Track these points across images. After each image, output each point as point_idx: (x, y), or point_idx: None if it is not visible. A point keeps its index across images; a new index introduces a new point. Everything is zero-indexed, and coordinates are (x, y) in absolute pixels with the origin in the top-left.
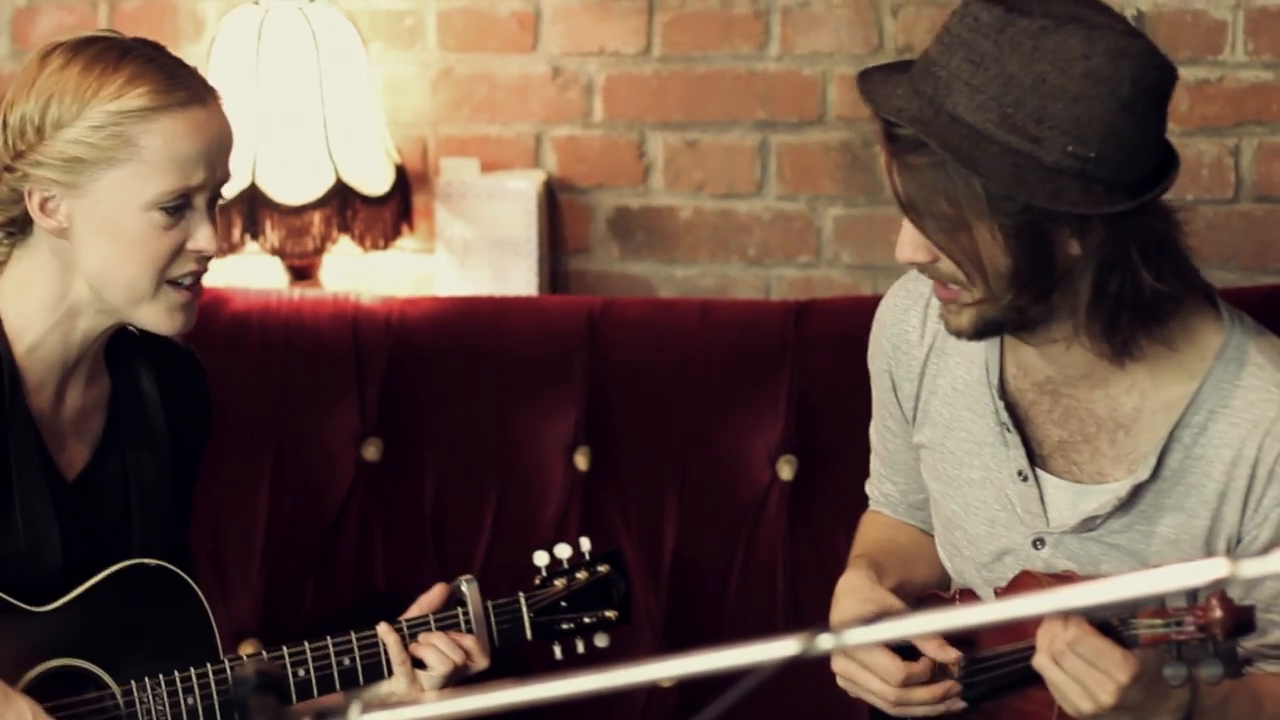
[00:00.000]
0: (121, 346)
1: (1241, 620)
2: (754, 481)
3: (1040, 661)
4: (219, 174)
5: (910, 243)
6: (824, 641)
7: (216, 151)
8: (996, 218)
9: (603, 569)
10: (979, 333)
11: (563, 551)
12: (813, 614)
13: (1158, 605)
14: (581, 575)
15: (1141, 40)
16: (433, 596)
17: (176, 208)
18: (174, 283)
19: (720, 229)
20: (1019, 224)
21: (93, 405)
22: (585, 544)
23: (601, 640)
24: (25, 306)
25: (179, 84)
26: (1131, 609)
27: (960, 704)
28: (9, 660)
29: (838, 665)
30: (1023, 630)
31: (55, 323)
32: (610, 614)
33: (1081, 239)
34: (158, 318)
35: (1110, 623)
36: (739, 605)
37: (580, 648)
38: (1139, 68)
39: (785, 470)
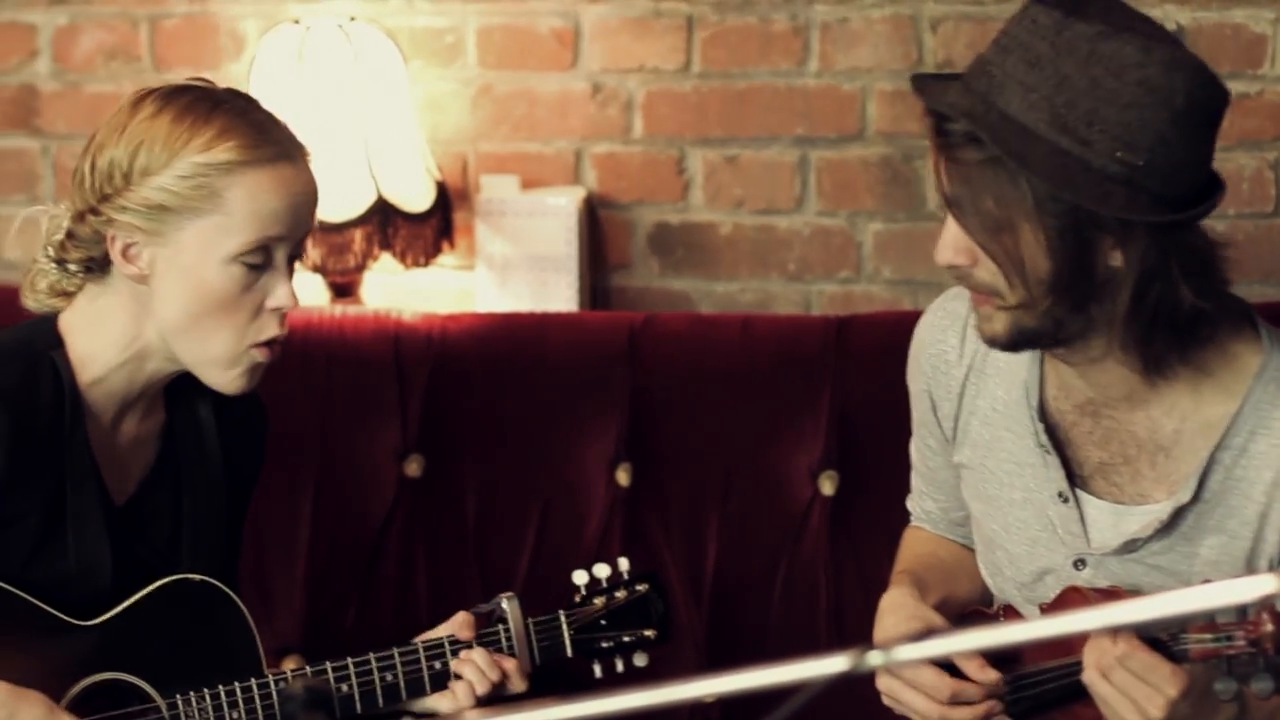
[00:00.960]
0: (182, 379)
1: None
2: (796, 497)
3: (1089, 676)
4: (301, 230)
5: (951, 244)
6: (874, 658)
7: (300, 207)
8: (1042, 218)
9: (641, 588)
10: (1013, 341)
11: (601, 571)
12: (856, 630)
13: (1207, 620)
14: (620, 594)
15: (1197, 58)
16: (460, 624)
17: (257, 264)
18: (258, 344)
19: (760, 245)
20: (1063, 226)
21: (147, 435)
22: (624, 564)
23: (640, 659)
24: (95, 342)
25: (268, 139)
26: (1182, 624)
27: None
28: (56, 674)
29: (882, 683)
30: (1068, 646)
31: (123, 361)
32: (649, 633)
33: (1124, 247)
34: (228, 379)
35: (1160, 638)
36: (781, 621)
37: (619, 666)
38: (1193, 82)
39: (827, 486)
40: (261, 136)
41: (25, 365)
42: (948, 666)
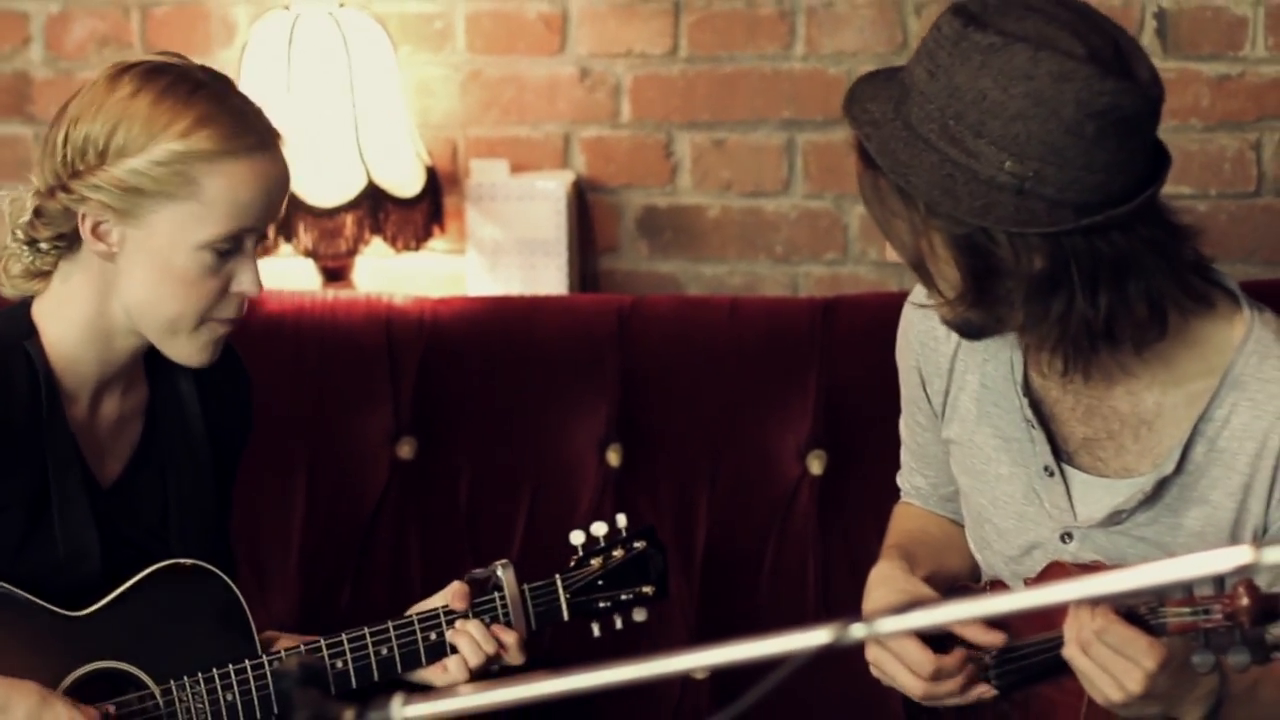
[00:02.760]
0: (160, 355)
1: (1268, 608)
2: (784, 476)
3: (1069, 651)
4: (272, 217)
5: (889, 244)
6: (856, 630)
7: (274, 197)
8: (937, 229)
9: (639, 545)
10: (961, 331)
11: (599, 529)
12: (844, 606)
13: (1185, 593)
14: (618, 553)
15: (1100, 66)
16: (455, 594)
17: (227, 251)
18: (216, 319)
19: (748, 227)
20: (957, 236)
21: (130, 413)
22: (621, 520)
23: (640, 615)
24: (62, 322)
25: (247, 129)
26: (1159, 598)
27: (992, 693)
28: (50, 665)
29: (870, 654)
30: (1055, 620)
31: (91, 339)
32: (647, 589)
33: (1019, 256)
34: (189, 351)
35: (1138, 611)
36: (771, 598)
37: (618, 624)
38: (1085, 92)
39: (815, 465)
40: (241, 126)
41: None
42: (940, 641)
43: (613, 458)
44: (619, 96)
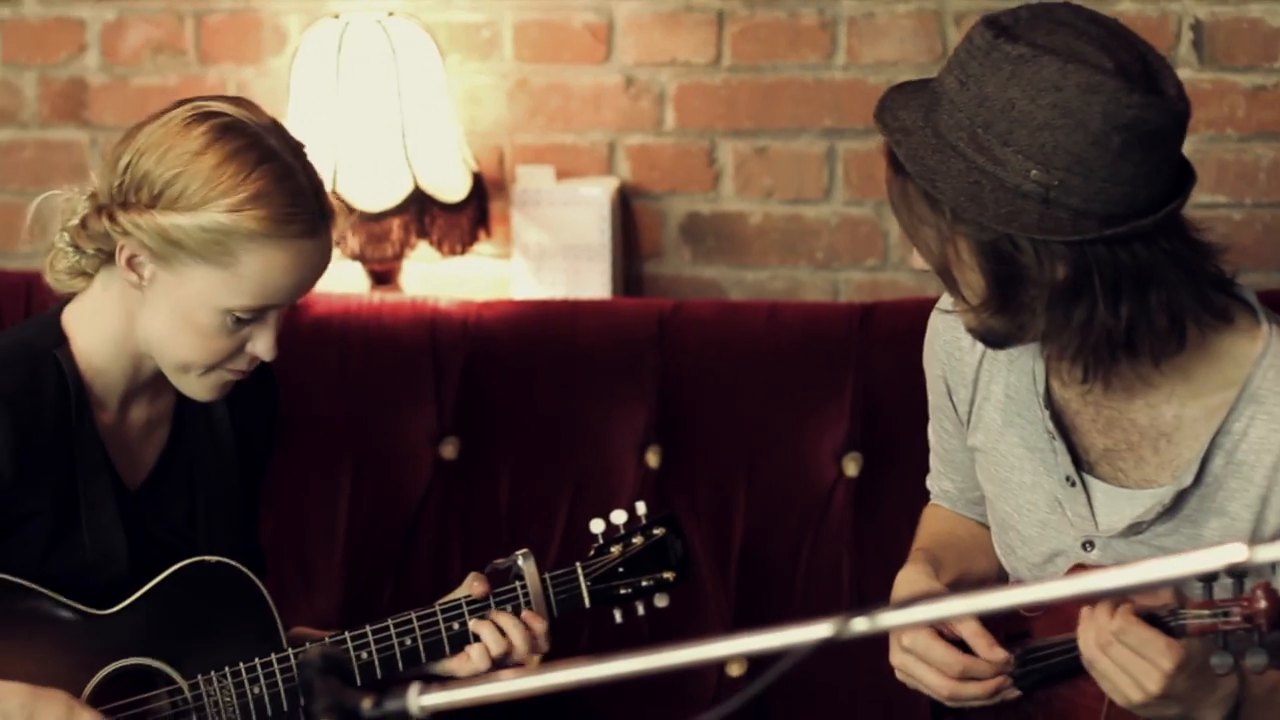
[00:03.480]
0: None
1: None
2: (820, 478)
3: (1088, 652)
4: (300, 296)
5: (916, 253)
6: (857, 625)
7: (306, 280)
8: (963, 235)
9: (659, 532)
10: (984, 340)
11: (618, 517)
12: (877, 605)
13: (1206, 596)
14: (638, 540)
15: (1128, 81)
16: (468, 583)
17: (249, 320)
18: (226, 367)
19: (789, 233)
20: (983, 243)
21: (158, 418)
22: (641, 508)
23: (661, 601)
24: (93, 333)
25: (297, 214)
26: (1180, 600)
27: (1015, 693)
28: (79, 663)
29: (895, 659)
30: (1075, 621)
31: (119, 354)
32: (668, 575)
33: (1043, 263)
34: (196, 390)
35: (1158, 613)
36: (805, 599)
37: (640, 610)
38: (1112, 105)
39: (851, 467)
40: (292, 210)
41: (27, 367)
42: (961, 646)
43: (652, 459)
44: (663, 105)
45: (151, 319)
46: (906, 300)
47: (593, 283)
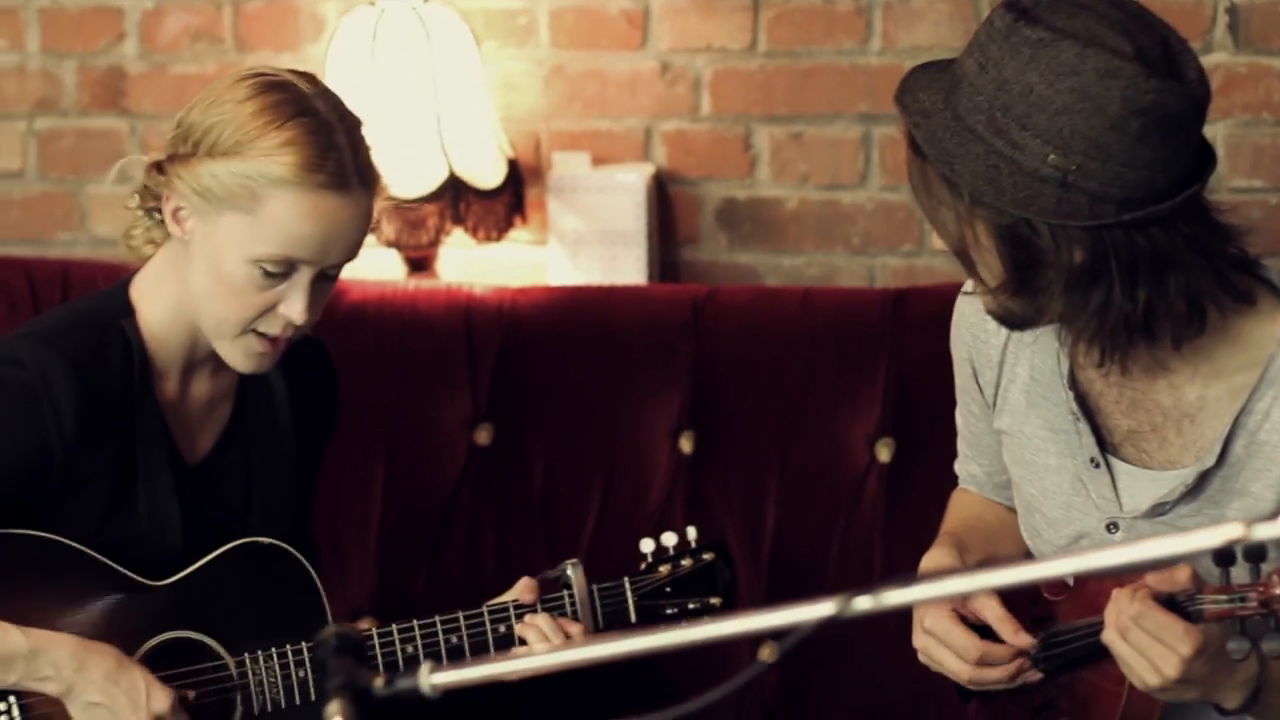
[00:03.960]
0: None
1: None
2: (853, 464)
3: (1108, 636)
4: (331, 257)
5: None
6: (860, 603)
7: (333, 238)
8: (981, 218)
9: (707, 557)
10: (1004, 321)
11: (669, 539)
12: None
13: (1224, 581)
14: (686, 563)
15: (1146, 65)
16: (523, 590)
17: (278, 273)
18: (257, 332)
19: (825, 219)
20: (1000, 226)
21: (220, 396)
22: (691, 533)
23: (714, 599)
24: (157, 301)
25: (326, 166)
26: (1199, 585)
27: (1037, 676)
28: (128, 631)
29: (918, 641)
30: (1099, 605)
31: (181, 320)
32: (714, 600)
33: (1059, 247)
34: (233, 356)
35: (1177, 599)
36: (837, 583)
37: (691, 604)
38: (1131, 90)
39: (883, 453)
40: (321, 160)
41: (95, 333)
42: (986, 631)
43: (685, 444)
44: (699, 90)
45: (193, 276)
46: (940, 286)
47: (629, 269)
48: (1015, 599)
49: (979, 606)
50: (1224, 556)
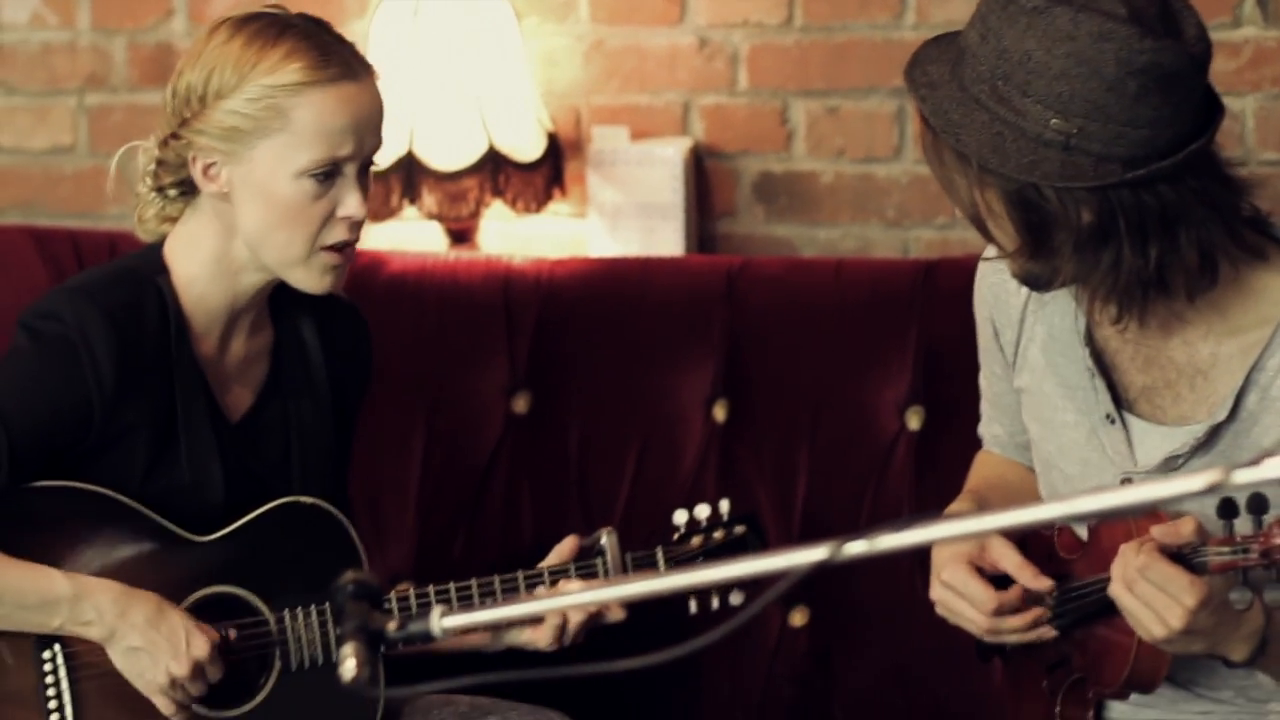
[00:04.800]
0: (286, 299)
1: None
2: (883, 431)
3: (1114, 589)
4: (368, 145)
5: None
6: (851, 548)
7: (364, 124)
8: (991, 185)
9: (739, 529)
10: (1027, 283)
11: (702, 511)
12: None
13: (1226, 534)
14: (719, 534)
15: (1141, 26)
16: (565, 548)
17: (326, 175)
18: (327, 247)
19: (860, 192)
20: (1009, 192)
21: (257, 354)
22: (724, 505)
23: (737, 598)
24: (192, 262)
25: (331, 60)
26: (1203, 537)
27: (1052, 632)
28: (171, 583)
29: (935, 593)
30: (1111, 562)
31: (219, 276)
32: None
33: (1067, 209)
34: (309, 279)
35: (1182, 552)
36: None
37: (715, 604)
38: (1125, 51)
39: (913, 421)
40: (325, 57)
41: (131, 289)
42: (1004, 584)
43: (719, 413)
44: (736, 66)
45: (245, 219)
46: (970, 257)
47: (667, 242)
48: (1031, 558)
49: (997, 557)
50: (1227, 509)
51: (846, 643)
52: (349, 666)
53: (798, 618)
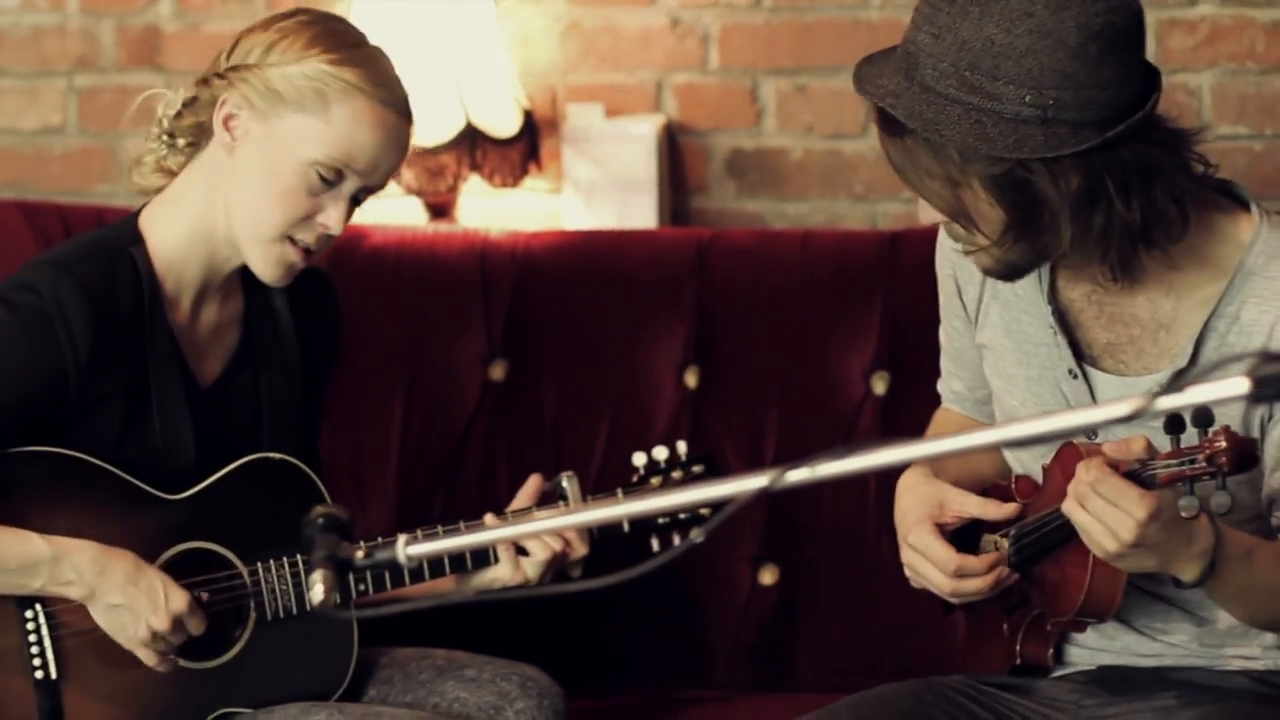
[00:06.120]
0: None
1: (1244, 450)
2: (849, 396)
3: (1067, 506)
4: (377, 174)
5: (924, 208)
6: (792, 476)
7: (385, 154)
8: (975, 174)
9: (697, 469)
10: (1002, 274)
11: (660, 453)
12: None
13: (1175, 446)
14: (677, 474)
15: None
16: (528, 490)
17: (328, 180)
18: (293, 242)
19: (829, 168)
20: (995, 176)
21: (228, 321)
22: (682, 446)
23: (698, 536)
24: (169, 230)
25: (392, 87)
26: (1151, 452)
27: (1013, 577)
28: (145, 541)
29: (904, 557)
30: (1062, 495)
31: (194, 245)
32: (705, 511)
33: (1056, 181)
34: (264, 263)
35: (1133, 468)
36: (833, 510)
37: (676, 541)
38: (1083, 16)
39: (879, 385)
40: (387, 80)
41: (106, 261)
42: (969, 542)
43: (690, 379)
44: (708, 45)
45: (237, 179)
46: (932, 228)
47: (641, 216)
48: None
49: (958, 506)
50: (1174, 424)
51: (814, 600)
52: (317, 591)
53: (767, 576)
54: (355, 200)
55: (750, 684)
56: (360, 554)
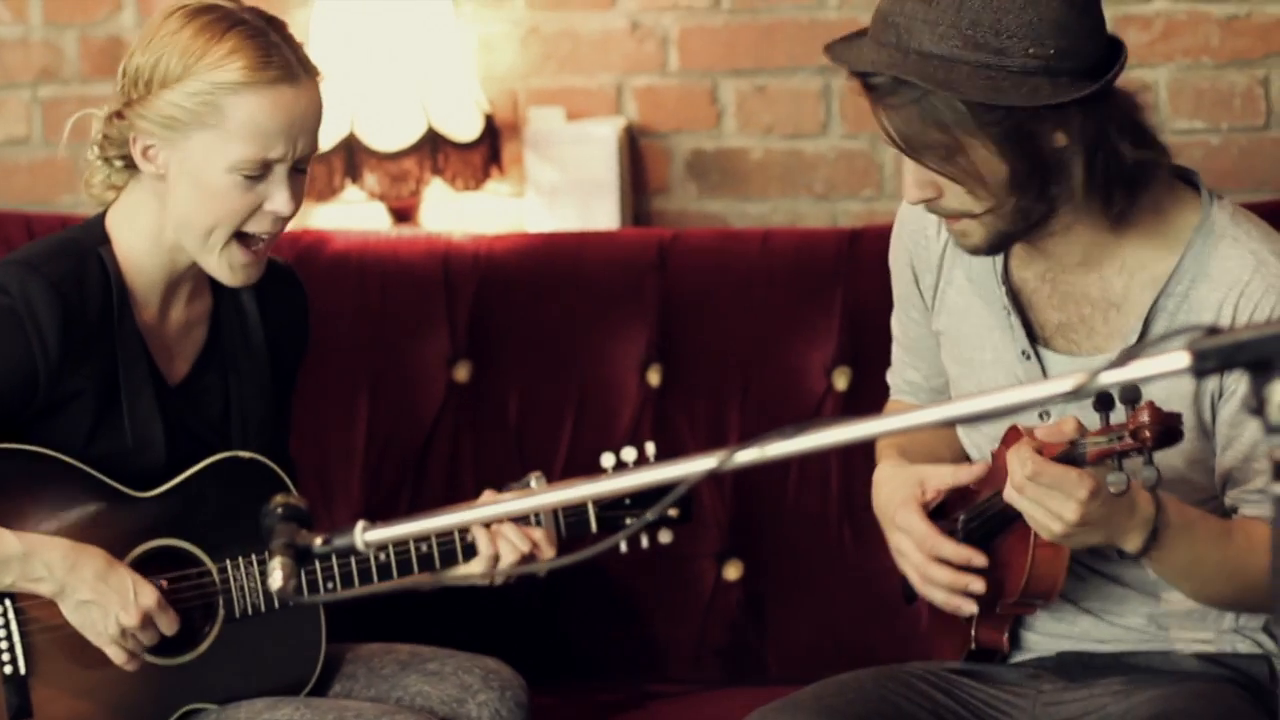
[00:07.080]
0: None
1: (1168, 424)
2: (811, 391)
3: (1008, 494)
4: (300, 148)
5: (915, 184)
6: (741, 456)
7: (298, 128)
8: (985, 130)
9: None
10: (993, 246)
11: (628, 455)
12: (863, 510)
13: (1104, 424)
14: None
15: None
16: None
17: (256, 175)
18: (244, 239)
19: (789, 168)
20: (1005, 130)
21: (196, 319)
22: (650, 448)
23: (665, 537)
24: (134, 235)
25: (273, 61)
26: (1082, 430)
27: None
28: (115, 539)
29: (892, 540)
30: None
31: (157, 249)
32: (672, 512)
33: (1064, 128)
34: (220, 270)
35: (1066, 449)
36: (796, 504)
37: (644, 543)
38: None
39: (840, 380)
40: (267, 58)
41: (74, 260)
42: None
43: (653, 378)
44: (667, 48)
45: (177, 202)
46: (890, 225)
47: (603, 218)
48: (950, 495)
49: (939, 481)
50: (1103, 402)
51: (779, 594)
52: (276, 578)
53: (732, 571)
54: (297, 171)
55: (716, 678)
56: (319, 541)
